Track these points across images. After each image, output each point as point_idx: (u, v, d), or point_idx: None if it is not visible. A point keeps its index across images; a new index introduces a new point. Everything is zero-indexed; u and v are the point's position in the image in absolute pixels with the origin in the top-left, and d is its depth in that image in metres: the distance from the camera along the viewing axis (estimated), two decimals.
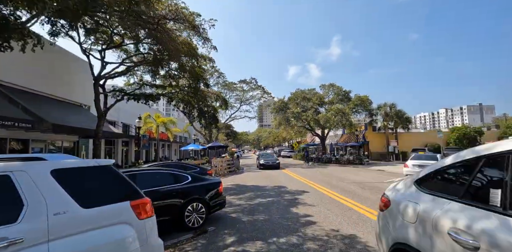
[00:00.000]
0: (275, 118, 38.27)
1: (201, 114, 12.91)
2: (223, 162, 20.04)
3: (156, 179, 5.89)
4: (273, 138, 77.47)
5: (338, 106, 30.30)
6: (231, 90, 35.42)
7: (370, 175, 17.66)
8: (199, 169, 10.42)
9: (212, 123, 13.82)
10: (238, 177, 17.58)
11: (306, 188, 11.84)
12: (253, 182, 14.40)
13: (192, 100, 12.47)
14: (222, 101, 13.88)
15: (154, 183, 5.72)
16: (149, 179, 5.78)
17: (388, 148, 32.20)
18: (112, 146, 22.04)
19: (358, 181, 14.31)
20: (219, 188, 6.81)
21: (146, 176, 5.77)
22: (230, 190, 11.83)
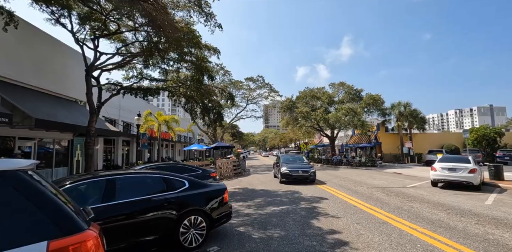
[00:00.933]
0: (282, 117, 36.88)
1: (204, 111, 11.61)
2: (228, 163, 18.71)
3: (143, 186, 4.57)
4: (279, 139, 75.97)
5: (349, 105, 28.76)
6: (237, 88, 34.13)
7: (387, 178, 16.15)
8: (200, 172, 9.11)
9: (216, 121, 12.54)
10: (244, 180, 16.22)
11: (323, 193, 10.42)
12: (262, 186, 13.03)
13: (194, 95, 11.21)
14: (228, 96, 12.57)
15: (139, 191, 4.41)
16: (133, 186, 4.46)
17: (402, 150, 30.51)
18: (112, 146, 20.91)
19: (378, 185, 12.84)
20: (224, 196, 5.47)
21: (128, 181, 4.45)
22: (237, 195, 10.49)
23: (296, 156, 17.33)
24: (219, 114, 12.43)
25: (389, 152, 32.03)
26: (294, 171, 13.59)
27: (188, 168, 8.99)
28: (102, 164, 19.03)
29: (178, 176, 5.13)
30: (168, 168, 8.52)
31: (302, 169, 13.80)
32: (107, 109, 20.04)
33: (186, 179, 5.08)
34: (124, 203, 4.09)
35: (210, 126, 12.96)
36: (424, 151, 31.78)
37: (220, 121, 13.14)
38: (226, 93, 12.58)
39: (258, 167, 29.30)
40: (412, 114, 29.82)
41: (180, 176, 5.13)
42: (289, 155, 18.05)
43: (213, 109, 12.06)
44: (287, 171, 13.62)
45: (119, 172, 4.66)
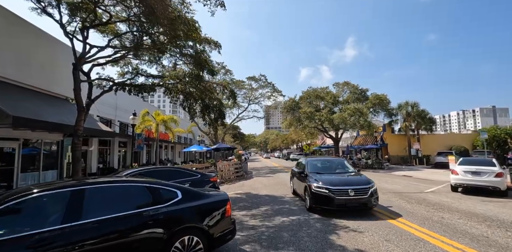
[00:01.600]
0: (285, 118, 35.83)
1: (204, 109, 10.61)
2: (230, 165, 17.69)
3: (121, 198, 3.54)
4: (281, 141, 74.89)
5: (355, 106, 27.70)
6: (239, 88, 33.13)
7: (399, 182, 15.10)
8: (199, 176, 8.09)
9: (218, 120, 11.54)
10: (247, 184, 15.19)
11: None
12: (267, 191, 11.99)
13: (193, 92, 10.23)
14: (230, 93, 11.58)
15: (116, 205, 3.39)
16: (108, 199, 3.44)
17: (409, 151, 29.42)
18: (107, 147, 19.91)
19: (394, 190, 11.80)
20: (226, 208, 4.43)
21: (102, 193, 3.42)
22: (240, 202, 9.46)
23: (333, 160, 10.44)
24: (220, 112, 11.42)
25: (395, 153, 30.94)
26: (339, 190, 7.20)
27: (185, 172, 7.96)
28: (96, 167, 18.03)
29: (169, 184, 4.10)
30: (161, 173, 7.51)
31: (353, 186, 7.42)
32: (103, 108, 19.08)
33: (178, 189, 4.06)
34: (94, 222, 3.07)
35: (210, 126, 11.95)
36: (432, 152, 30.69)
37: (221, 120, 12.13)
38: (227, 91, 11.57)
39: (260, 169, 28.26)
40: (420, 114, 28.75)
41: (171, 185, 4.10)
42: (320, 159, 11.07)
43: (214, 107, 11.07)
44: (323, 191, 7.26)
45: (90, 180, 3.63)
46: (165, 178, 7.35)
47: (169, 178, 7.37)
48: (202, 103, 10.75)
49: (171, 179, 7.40)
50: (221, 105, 11.91)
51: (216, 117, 11.48)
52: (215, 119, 11.57)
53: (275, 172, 23.37)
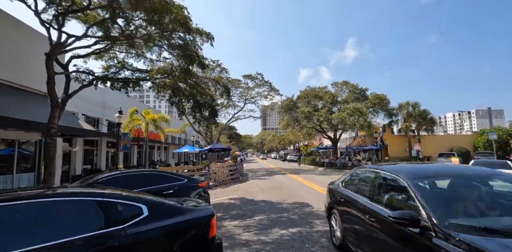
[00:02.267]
0: (282, 118, 34.91)
1: (195, 105, 9.59)
2: (224, 167, 16.66)
3: (58, 219, 2.51)
4: (278, 141, 73.92)
5: (354, 105, 26.83)
6: (235, 87, 32.10)
7: None
8: (185, 181, 7.05)
9: (210, 118, 10.53)
10: (242, 187, 14.17)
11: None
12: (263, 196, 10.98)
13: (183, 87, 9.21)
14: (223, 89, 10.56)
15: (49, 230, 2.36)
16: (38, 221, 2.40)
17: (410, 153, 28.60)
18: (94, 148, 18.79)
19: None
20: (211, 226, 3.39)
21: (28, 212, 2.38)
22: (233, 209, 8.44)
23: (477, 173, 3.52)
24: (212, 109, 10.40)
25: (395, 155, 30.09)
26: None
27: (167, 176, 6.91)
28: (81, 169, 16.90)
29: (131, 197, 3.07)
30: (138, 178, 6.47)
31: None
32: (89, 107, 17.98)
33: (144, 202, 3.03)
34: None
35: (201, 124, 10.92)
36: (432, 154, 29.92)
37: (213, 118, 11.10)
38: (221, 86, 10.53)
39: (256, 171, 27.23)
40: (421, 114, 27.95)
41: (134, 198, 3.08)
42: (436, 170, 3.93)
43: (205, 104, 10.05)
44: None
45: (13, 195, 2.59)
46: (143, 184, 6.32)
47: (148, 184, 6.34)
48: (192, 99, 9.72)
49: (150, 185, 6.38)
50: (213, 102, 10.90)
51: (208, 115, 10.48)
52: (206, 117, 10.56)
53: (272, 174, 22.37)
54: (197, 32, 10.15)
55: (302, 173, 23.03)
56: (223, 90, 10.50)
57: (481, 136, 31.42)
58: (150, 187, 6.34)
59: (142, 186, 6.21)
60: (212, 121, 11.17)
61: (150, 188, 6.27)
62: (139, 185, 6.22)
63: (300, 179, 17.42)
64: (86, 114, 17.22)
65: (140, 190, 4.78)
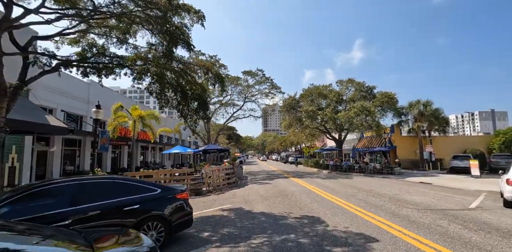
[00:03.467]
0: (284, 118, 33.04)
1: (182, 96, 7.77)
2: (220, 171, 14.82)
3: None
4: (279, 143, 72.02)
5: (362, 104, 24.96)
6: (235, 84, 30.33)
7: (425, 192, 12.30)
8: (158, 192, 5.23)
9: (199, 111, 8.72)
10: (239, 194, 12.32)
11: (360, 224, 6.52)
12: (263, 206, 9.12)
13: (163, 72, 7.43)
14: (215, 77, 8.74)
15: None
16: None
17: (422, 155, 26.67)
18: (77, 148, 16.98)
19: (426, 204, 9.00)
20: None
21: None
22: (224, 226, 6.59)
23: None
24: (202, 101, 8.59)
25: (405, 157, 28.15)
26: None
27: (134, 185, 5.06)
28: (60, 171, 15.08)
29: None
30: (89, 188, 4.63)
31: None
32: (71, 103, 16.19)
33: None
34: None
35: (187, 119, 9.09)
36: (444, 156, 28.00)
37: (204, 111, 9.26)
38: (212, 74, 8.71)
39: (256, 174, 25.40)
40: (433, 114, 26.04)
41: None
42: None
43: (194, 94, 8.23)
44: None
45: None
46: (96, 197, 4.50)
47: (103, 197, 4.49)
48: (178, 89, 7.91)
49: (106, 198, 4.51)
50: (204, 93, 9.07)
51: (197, 108, 8.67)
52: (195, 111, 8.75)
53: (273, 178, 20.51)
54: (184, 8, 8.36)
55: (306, 177, 21.18)
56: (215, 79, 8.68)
57: (496, 137, 29.46)
58: (105, 201, 4.52)
59: (94, 200, 4.41)
60: (201, 114, 9.34)
61: (105, 202, 4.46)
62: (88, 198, 4.40)
63: (305, 184, 15.56)
64: (67, 111, 15.44)
65: (89, 207, 2.98)
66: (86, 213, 4.19)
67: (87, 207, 4.22)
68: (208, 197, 11.85)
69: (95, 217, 4.27)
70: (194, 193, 12.25)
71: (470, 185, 15.16)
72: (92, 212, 4.23)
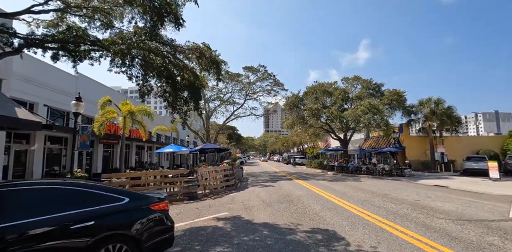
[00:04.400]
0: (286, 117, 31.61)
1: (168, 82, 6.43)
2: (217, 172, 13.44)
3: None
4: (281, 143, 70.58)
5: (370, 101, 23.53)
6: (236, 81, 28.94)
7: (448, 198, 10.87)
8: (125, 202, 3.86)
9: (189, 102, 7.36)
10: (239, 199, 10.94)
11: (390, 242, 5.12)
12: (266, 214, 7.73)
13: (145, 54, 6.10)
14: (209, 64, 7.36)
15: None
16: None
17: (432, 156, 25.20)
18: (63, 147, 15.65)
19: (459, 214, 7.58)
20: None
21: None
22: (217, 243, 5.20)
23: None
24: (194, 90, 7.22)
25: (415, 158, 26.69)
26: None
27: (88, 193, 3.70)
28: (42, 172, 13.76)
29: None
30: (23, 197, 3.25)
31: None
32: (56, 97, 14.84)
33: None
34: None
35: (175, 110, 7.71)
36: (456, 157, 26.52)
37: (196, 101, 7.87)
38: (206, 59, 7.34)
39: (258, 175, 24.00)
40: (446, 112, 24.57)
41: None
42: None
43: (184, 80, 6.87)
44: None
45: None
46: (35, 210, 3.13)
47: (44, 211, 3.13)
48: (162, 72, 6.57)
49: (47, 212, 3.15)
50: (196, 80, 7.67)
51: (187, 98, 7.31)
52: (184, 100, 7.40)
53: (276, 180, 19.12)
54: None
55: (311, 179, 19.77)
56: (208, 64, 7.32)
57: (511, 137, 27.93)
58: (41, 216, 3.14)
59: (31, 214, 3.04)
60: (193, 105, 7.95)
61: (38, 220, 3.07)
62: (22, 212, 3.04)
63: (311, 187, 14.16)
64: (51, 106, 14.13)
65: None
66: (3, 237, 2.82)
67: (5, 228, 2.85)
68: (203, 202, 10.47)
69: (21, 241, 2.90)
70: (188, 197, 10.89)
71: (492, 189, 13.76)
72: (12, 236, 2.87)
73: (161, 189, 11.01)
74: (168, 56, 7.01)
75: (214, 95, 29.40)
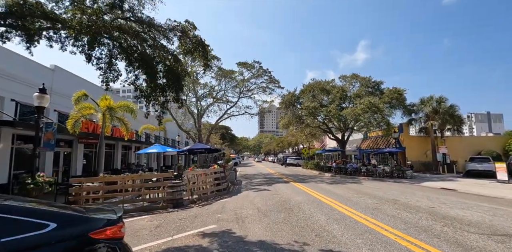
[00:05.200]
0: (282, 116, 30.33)
1: (139, 65, 5.10)
2: (207, 175, 12.07)
3: None
4: (276, 144, 69.32)
5: (370, 99, 22.41)
6: (229, 79, 27.56)
7: (460, 203, 9.70)
8: (50, 229, 2.48)
9: (166, 90, 6.01)
10: (230, 206, 9.59)
11: None
12: (262, 228, 6.41)
13: (107, 27, 4.77)
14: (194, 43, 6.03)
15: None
16: None
17: (434, 156, 24.21)
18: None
19: (493, 227, 6.37)
20: None
21: None
22: None
23: None
24: (174, 76, 5.87)
25: (415, 159, 25.68)
26: None
27: None
28: (9, 176, 12.21)
29: None
30: None
31: None
32: (26, 91, 13.29)
33: None
34: None
35: (149, 103, 6.34)
36: (458, 158, 25.62)
37: (176, 92, 6.50)
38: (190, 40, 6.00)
39: (252, 177, 22.68)
40: (448, 111, 23.59)
41: None
42: None
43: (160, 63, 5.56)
44: None
45: None
46: None
47: None
48: (132, 54, 5.22)
49: None
50: (176, 63, 6.29)
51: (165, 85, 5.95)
52: (161, 88, 6.01)
53: (272, 182, 17.82)
54: None
55: (309, 181, 18.52)
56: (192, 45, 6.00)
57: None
58: None
59: None
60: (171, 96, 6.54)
61: None
62: None
63: (311, 191, 12.89)
64: (20, 101, 12.59)
65: None
66: None
67: None
68: (189, 210, 9.11)
69: None
70: (172, 205, 9.51)
71: (505, 193, 12.76)
72: None
73: (140, 195, 9.63)
74: (142, 34, 5.67)
75: (207, 93, 27.96)
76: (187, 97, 27.82)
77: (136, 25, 6.16)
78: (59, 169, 15.48)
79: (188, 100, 28.45)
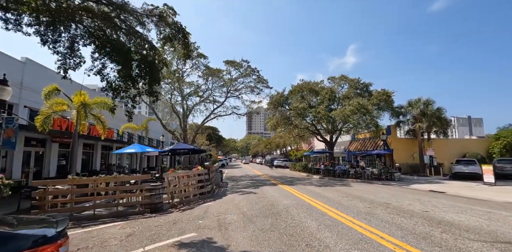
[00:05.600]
0: (270, 117, 29.81)
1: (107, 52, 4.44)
2: (190, 177, 11.31)
3: None
4: (264, 145, 68.77)
5: (359, 101, 22.20)
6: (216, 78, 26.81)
7: (453, 206, 9.37)
8: None
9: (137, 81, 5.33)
10: (213, 210, 8.89)
11: None
12: (246, 236, 5.76)
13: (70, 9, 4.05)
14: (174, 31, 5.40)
15: None
16: None
17: (421, 159, 24.22)
18: None
19: (493, 233, 5.97)
20: None
21: None
22: None
23: None
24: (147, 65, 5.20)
25: (403, 161, 25.63)
26: None
27: None
28: None
29: None
30: None
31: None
32: None
33: None
34: None
35: (117, 95, 5.63)
36: (443, 160, 25.75)
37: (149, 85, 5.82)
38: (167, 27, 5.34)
39: (239, 180, 21.99)
40: (435, 114, 23.68)
41: None
42: None
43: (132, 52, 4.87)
44: None
45: None
46: None
47: None
48: (98, 39, 4.50)
49: None
50: (151, 51, 5.62)
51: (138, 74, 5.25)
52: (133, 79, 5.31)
53: (259, 185, 17.18)
54: None
55: (297, 183, 17.99)
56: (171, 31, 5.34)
57: (497, 140, 27.56)
58: None
59: None
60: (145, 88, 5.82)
61: None
62: None
63: (299, 194, 12.34)
64: None
65: None
66: None
67: None
68: (168, 215, 8.35)
69: None
70: (149, 209, 8.73)
71: (493, 195, 12.61)
72: None
73: (116, 199, 8.79)
74: (114, 19, 4.95)
75: (193, 91, 27.09)
76: (172, 95, 26.91)
77: (107, 9, 5.45)
78: (30, 170, 14.34)
79: (174, 99, 27.54)
